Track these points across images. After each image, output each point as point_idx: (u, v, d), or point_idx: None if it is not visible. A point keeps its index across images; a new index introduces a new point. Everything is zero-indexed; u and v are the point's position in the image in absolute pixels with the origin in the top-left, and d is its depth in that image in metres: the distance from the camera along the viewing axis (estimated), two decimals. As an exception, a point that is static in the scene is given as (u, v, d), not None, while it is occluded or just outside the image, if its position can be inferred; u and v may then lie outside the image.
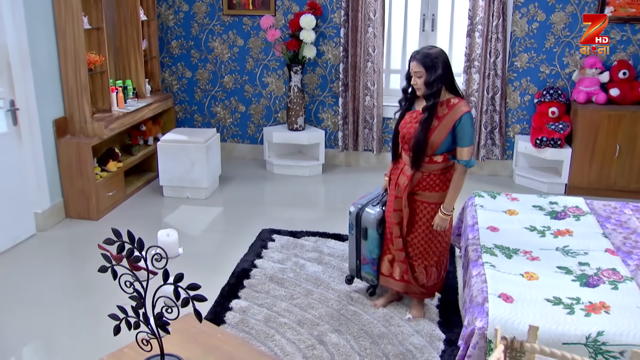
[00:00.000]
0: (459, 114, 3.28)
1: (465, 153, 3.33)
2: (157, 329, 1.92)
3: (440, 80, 3.26)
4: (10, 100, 4.56)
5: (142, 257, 1.83)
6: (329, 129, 6.67)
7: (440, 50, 3.32)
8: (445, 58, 3.30)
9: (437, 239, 3.56)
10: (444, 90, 3.32)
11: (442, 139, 3.33)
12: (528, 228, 3.78)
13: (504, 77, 5.99)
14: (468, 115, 3.29)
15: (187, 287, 1.84)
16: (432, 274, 3.63)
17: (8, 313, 3.80)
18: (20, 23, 4.50)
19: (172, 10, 6.63)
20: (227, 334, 2.26)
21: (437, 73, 3.24)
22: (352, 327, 3.58)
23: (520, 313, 2.80)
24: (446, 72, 3.28)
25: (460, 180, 3.40)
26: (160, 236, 1.93)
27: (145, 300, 1.90)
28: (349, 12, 6.10)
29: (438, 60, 3.25)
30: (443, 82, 3.28)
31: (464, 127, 3.29)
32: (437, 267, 3.64)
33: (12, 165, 4.63)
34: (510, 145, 6.29)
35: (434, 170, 3.44)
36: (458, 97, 3.35)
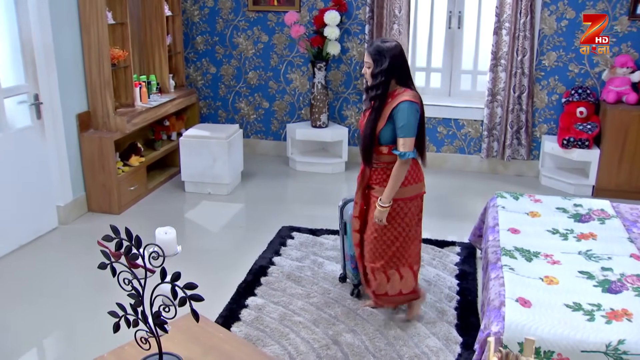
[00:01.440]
0: (397, 102, 3.20)
1: (401, 144, 3.20)
2: (155, 327, 1.91)
3: (385, 73, 3.21)
4: (34, 94, 4.60)
5: (140, 255, 1.82)
6: (352, 126, 6.62)
7: (394, 44, 3.25)
8: (397, 52, 3.23)
9: (383, 239, 3.41)
10: (395, 83, 3.26)
11: (381, 128, 3.25)
12: (550, 231, 3.69)
13: (531, 76, 5.88)
14: (406, 104, 3.18)
15: (184, 287, 1.82)
16: (380, 279, 3.48)
17: (29, 304, 3.84)
18: (45, 18, 4.54)
19: (197, 5, 6.64)
20: (229, 334, 2.24)
21: (382, 66, 3.21)
22: (368, 328, 3.53)
23: (538, 318, 2.73)
24: (395, 66, 3.22)
25: (397, 172, 3.24)
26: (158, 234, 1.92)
27: (143, 299, 1.89)
28: (374, 9, 6.04)
29: (387, 54, 3.20)
30: (390, 76, 3.22)
31: (400, 116, 3.18)
32: (384, 273, 3.46)
33: (36, 159, 4.67)
34: (536, 145, 6.17)
35: (382, 163, 3.34)
36: (406, 88, 3.26)
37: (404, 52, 3.33)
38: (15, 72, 4.53)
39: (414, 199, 3.39)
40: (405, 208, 3.37)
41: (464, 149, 6.38)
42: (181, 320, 1.99)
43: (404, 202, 3.36)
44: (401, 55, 3.25)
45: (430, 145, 6.44)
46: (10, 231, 4.46)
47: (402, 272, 3.48)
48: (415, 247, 3.50)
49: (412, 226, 3.44)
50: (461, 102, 6.30)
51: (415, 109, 3.20)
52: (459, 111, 6.25)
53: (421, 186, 3.42)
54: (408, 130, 3.18)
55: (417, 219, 3.47)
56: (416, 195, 3.40)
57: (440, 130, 6.37)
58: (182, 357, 2.05)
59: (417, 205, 3.43)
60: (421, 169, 3.43)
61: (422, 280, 4.07)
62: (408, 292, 3.53)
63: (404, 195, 3.34)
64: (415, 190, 3.38)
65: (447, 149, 6.42)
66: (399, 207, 3.35)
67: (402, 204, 3.35)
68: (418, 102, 3.24)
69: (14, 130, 4.51)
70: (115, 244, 1.88)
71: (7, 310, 3.79)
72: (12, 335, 3.53)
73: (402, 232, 3.41)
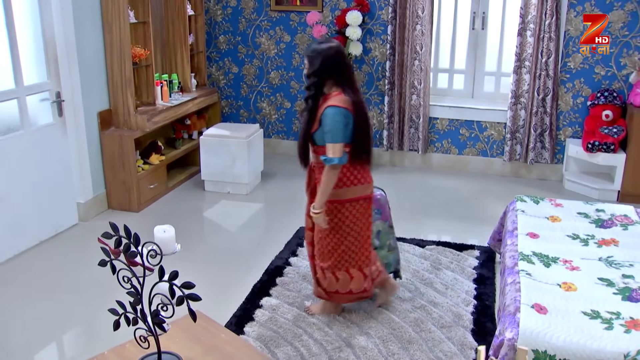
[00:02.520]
0: (324, 108, 3.20)
1: (328, 149, 3.18)
2: (154, 326, 1.90)
3: (317, 74, 3.21)
4: (56, 92, 4.65)
5: (138, 253, 1.81)
6: (374, 127, 6.58)
7: (330, 46, 3.23)
8: (332, 53, 3.20)
9: (328, 240, 3.41)
10: (332, 85, 3.23)
11: (313, 130, 3.26)
12: (570, 236, 3.62)
13: (555, 78, 5.77)
14: (330, 109, 3.16)
15: (181, 286, 1.81)
16: (328, 278, 3.48)
17: (46, 300, 3.87)
18: (68, 16, 4.59)
19: (220, 5, 6.66)
20: (232, 335, 2.23)
21: (315, 67, 3.21)
22: (382, 331, 3.49)
23: (554, 325, 2.67)
24: (329, 68, 3.20)
25: (326, 178, 3.22)
26: (157, 232, 1.90)
27: (142, 297, 1.88)
28: (396, 9, 5.99)
29: (321, 55, 3.20)
30: (323, 77, 3.21)
31: (325, 122, 3.17)
32: (333, 273, 3.46)
33: (57, 156, 4.72)
34: (560, 149, 6.06)
35: (321, 163, 3.30)
36: (339, 91, 3.22)
37: (343, 54, 3.28)
38: (38, 69, 4.58)
39: (356, 201, 3.35)
40: (345, 210, 3.35)
41: (486, 152, 6.30)
42: (184, 320, 1.98)
43: (342, 204, 3.34)
44: (337, 56, 3.22)
45: (452, 147, 6.37)
46: (30, 227, 4.51)
47: (351, 272, 3.47)
48: (366, 250, 3.47)
49: (361, 229, 3.41)
50: (484, 104, 6.22)
51: (341, 114, 3.15)
52: (482, 113, 6.17)
53: (364, 189, 3.37)
54: (333, 136, 3.16)
55: (365, 222, 3.43)
56: (358, 197, 3.35)
57: (463, 132, 6.30)
58: (181, 357, 2.04)
59: (362, 208, 3.39)
60: (367, 171, 3.39)
61: (439, 283, 4.02)
62: (359, 291, 3.52)
63: (344, 196, 3.32)
64: (357, 193, 3.34)
65: (469, 152, 6.34)
66: (336, 209, 3.34)
67: (339, 206, 3.34)
68: (347, 107, 3.18)
69: (36, 127, 4.56)
70: (114, 242, 1.87)
71: (24, 305, 3.83)
72: (27, 330, 3.56)
73: (348, 235, 3.39)
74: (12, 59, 4.28)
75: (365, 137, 3.30)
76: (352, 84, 3.27)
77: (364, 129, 3.27)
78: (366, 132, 3.29)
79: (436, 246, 4.58)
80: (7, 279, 4.14)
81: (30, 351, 3.40)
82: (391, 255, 3.83)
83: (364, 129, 3.27)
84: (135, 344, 1.99)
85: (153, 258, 1.82)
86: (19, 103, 4.37)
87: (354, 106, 3.22)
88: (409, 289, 3.95)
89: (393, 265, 3.86)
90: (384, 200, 3.78)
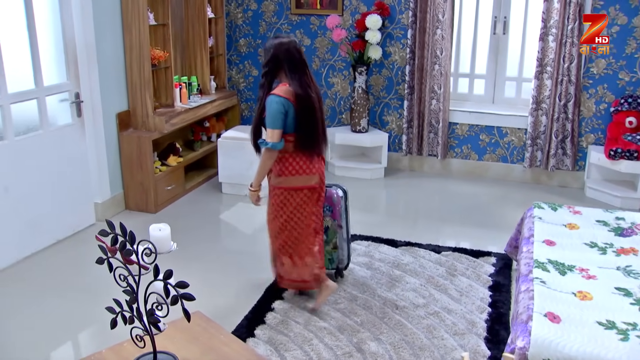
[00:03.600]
0: (268, 96, 3.44)
1: (267, 134, 3.44)
2: (150, 325, 1.89)
3: (267, 65, 3.48)
4: (75, 92, 4.69)
5: (134, 251, 1.81)
6: (393, 132, 6.54)
7: (282, 40, 3.47)
8: (283, 48, 3.43)
9: (272, 226, 3.66)
10: (283, 76, 3.47)
11: (264, 116, 3.47)
12: (588, 244, 3.54)
13: (578, 84, 5.68)
14: (271, 97, 3.41)
15: (176, 285, 1.80)
16: (276, 262, 3.75)
17: (60, 298, 3.90)
18: (88, 18, 4.63)
19: (240, 8, 6.68)
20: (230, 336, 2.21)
21: (266, 59, 3.48)
22: (394, 337, 3.45)
23: (567, 335, 2.61)
24: (279, 60, 3.43)
25: (262, 159, 3.52)
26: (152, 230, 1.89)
27: (137, 295, 1.87)
28: (417, 13, 5.95)
29: (272, 48, 3.45)
30: (273, 68, 3.46)
31: (266, 108, 3.43)
32: (278, 257, 3.70)
33: (75, 156, 4.76)
34: (582, 155, 5.96)
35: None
36: (286, 83, 3.46)
37: (295, 48, 3.47)
38: (57, 70, 4.63)
39: (298, 190, 3.54)
40: (286, 198, 3.56)
41: (506, 158, 6.22)
42: (183, 320, 1.97)
43: (287, 191, 3.55)
44: (288, 50, 3.44)
45: (472, 153, 6.31)
46: (48, 226, 4.55)
47: (294, 260, 3.67)
48: (308, 240, 3.64)
49: (304, 217, 3.58)
50: (505, 110, 6.14)
51: (279, 102, 3.37)
52: (503, 119, 6.10)
53: (308, 179, 3.54)
54: (271, 122, 3.40)
55: (307, 212, 3.59)
56: (301, 187, 3.53)
57: (483, 138, 6.23)
58: (177, 357, 2.03)
59: (306, 197, 3.57)
60: (314, 163, 3.55)
61: (454, 289, 3.97)
62: (300, 280, 3.71)
63: (287, 184, 3.54)
64: (300, 182, 3.53)
65: (489, 157, 6.27)
66: (282, 195, 3.57)
67: (285, 192, 3.55)
68: (287, 97, 3.40)
69: (55, 127, 4.60)
70: (110, 239, 1.87)
71: (38, 303, 3.86)
72: (41, 327, 3.59)
73: (291, 221, 3.59)
74: (33, 59, 4.33)
75: (310, 129, 3.49)
76: (301, 78, 3.45)
77: (309, 121, 3.47)
78: (311, 125, 3.49)
79: (452, 252, 4.52)
80: (24, 276, 4.19)
81: (44, 348, 3.42)
82: (335, 253, 3.99)
83: (310, 121, 3.47)
84: (132, 343, 1.98)
85: (148, 256, 1.82)
86: (39, 103, 4.42)
87: (296, 98, 3.41)
88: (422, 295, 3.91)
89: (335, 263, 4.02)
90: (336, 199, 3.91)
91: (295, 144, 3.48)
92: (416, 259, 4.42)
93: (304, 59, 3.50)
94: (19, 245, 4.35)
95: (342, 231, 3.97)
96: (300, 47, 3.56)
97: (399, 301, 3.83)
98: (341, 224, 3.95)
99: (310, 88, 3.47)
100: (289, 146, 3.48)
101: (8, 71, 4.11)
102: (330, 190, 3.90)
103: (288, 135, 3.45)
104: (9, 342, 3.46)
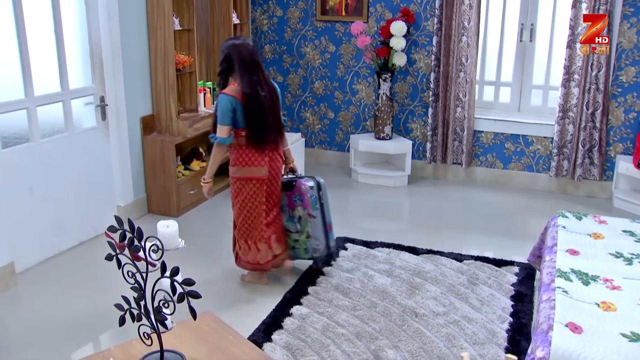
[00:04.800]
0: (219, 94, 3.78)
1: (217, 130, 3.77)
2: (157, 323, 1.88)
3: (221, 65, 3.80)
4: (100, 96, 4.75)
5: (142, 247, 1.80)
6: (417, 139, 6.50)
7: (234, 43, 3.78)
8: (233, 49, 3.74)
9: (233, 210, 4.01)
10: (236, 75, 3.75)
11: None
12: (613, 254, 3.46)
13: (606, 92, 5.58)
14: (221, 96, 3.73)
15: (182, 282, 1.79)
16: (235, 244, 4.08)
17: (85, 299, 3.94)
18: (114, 22, 4.69)
19: (266, 15, 6.71)
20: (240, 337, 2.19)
21: (221, 59, 3.80)
22: (412, 345, 3.41)
23: (588, 347, 2.54)
24: (230, 60, 3.74)
25: (212, 152, 3.88)
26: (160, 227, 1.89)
27: (145, 292, 1.87)
28: (442, 20, 5.91)
29: (226, 49, 3.78)
30: (226, 68, 3.77)
31: (217, 106, 3.75)
32: (237, 240, 4.04)
33: (99, 159, 4.81)
34: (610, 165, 5.84)
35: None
36: (235, 82, 3.75)
37: (246, 50, 3.77)
38: (83, 74, 4.69)
39: (246, 180, 3.87)
40: (239, 187, 3.91)
41: (532, 167, 6.13)
42: (193, 320, 1.95)
43: (239, 180, 3.89)
44: (239, 51, 3.73)
45: (497, 161, 6.23)
46: (71, 227, 4.60)
47: (249, 244, 4.00)
48: (259, 227, 3.95)
49: (254, 206, 3.91)
50: (531, 118, 6.06)
51: (227, 100, 3.69)
52: (528, 127, 6.02)
53: (257, 171, 3.86)
54: (219, 118, 3.74)
55: (257, 201, 3.91)
56: (251, 177, 3.86)
57: (508, 146, 6.15)
58: (185, 356, 2.02)
59: (255, 187, 3.89)
60: (263, 156, 3.86)
61: (475, 298, 3.91)
62: (254, 262, 4.02)
63: (238, 174, 3.90)
64: (249, 173, 3.86)
65: (514, 166, 6.19)
66: (232, 184, 3.95)
67: (237, 182, 3.90)
68: (235, 96, 3.71)
69: (79, 130, 4.66)
70: (119, 236, 1.87)
71: (59, 302, 3.90)
72: (60, 328, 3.62)
73: (244, 209, 3.93)
74: (59, 63, 4.39)
75: (259, 125, 3.78)
76: (250, 77, 3.72)
77: (257, 118, 3.76)
78: (259, 121, 3.77)
79: (474, 261, 4.46)
80: (47, 276, 4.24)
81: (64, 348, 3.45)
82: (308, 242, 4.13)
83: (258, 118, 3.76)
84: (140, 340, 1.98)
85: (155, 253, 1.82)
86: (64, 106, 4.48)
87: (244, 96, 3.71)
88: (442, 303, 3.85)
89: (310, 252, 4.15)
90: (305, 189, 4.07)
91: (246, 139, 3.80)
92: (437, 267, 4.37)
93: (255, 60, 3.79)
94: (43, 245, 4.40)
95: (314, 220, 4.08)
96: (253, 48, 3.84)
97: (419, 309, 3.79)
98: (312, 213, 4.07)
99: (260, 87, 3.75)
100: (241, 140, 3.82)
101: (35, 74, 4.18)
102: (299, 181, 4.11)
103: (240, 130, 3.80)
104: (29, 341, 3.49)
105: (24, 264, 4.27)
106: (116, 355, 2.16)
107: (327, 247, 4.16)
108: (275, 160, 3.93)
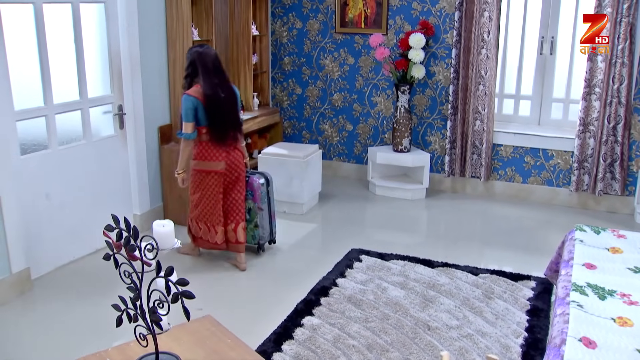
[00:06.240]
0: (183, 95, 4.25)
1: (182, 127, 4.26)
2: (152, 324, 1.87)
3: (186, 69, 4.29)
4: (118, 105, 4.79)
5: (137, 247, 1.80)
6: (436, 152, 6.45)
7: (198, 50, 4.23)
8: (197, 56, 4.20)
9: (193, 197, 4.44)
10: (200, 79, 4.18)
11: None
12: (632, 269, 3.38)
13: (628, 106, 5.49)
14: (184, 96, 4.19)
15: (176, 282, 1.77)
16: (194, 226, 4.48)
17: (99, 306, 3.93)
18: (134, 32, 4.74)
19: (286, 27, 6.74)
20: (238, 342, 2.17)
21: (186, 64, 4.30)
22: (424, 358, 3.35)
23: (602, 362, 2.47)
24: (194, 66, 4.21)
25: (181, 147, 4.34)
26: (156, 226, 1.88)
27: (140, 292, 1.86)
28: (461, 33, 5.88)
29: (190, 55, 4.26)
30: (190, 72, 4.24)
31: (182, 105, 4.22)
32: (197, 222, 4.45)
33: (117, 167, 4.85)
34: (633, 180, 5.74)
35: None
36: (198, 84, 4.18)
37: (208, 57, 4.21)
38: (102, 83, 4.74)
39: (204, 173, 4.34)
40: (199, 178, 4.37)
41: (552, 181, 6.05)
42: (193, 323, 1.94)
43: (200, 172, 4.35)
44: (203, 58, 4.18)
45: (516, 175, 6.15)
46: (87, 234, 4.63)
47: (208, 226, 4.45)
48: (216, 213, 4.41)
49: (213, 195, 4.37)
50: (551, 132, 5.98)
51: (188, 100, 4.15)
52: (549, 141, 5.94)
53: (215, 165, 4.31)
54: (183, 116, 4.21)
55: (215, 191, 4.37)
56: (209, 170, 4.32)
57: (528, 160, 6.07)
58: (181, 358, 2.00)
59: (213, 179, 4.34)
60: (221, 152, 4.30)
61: (489, 312, 3.84)
62: (212, 242, 4.47)
63: (198, 167, 4.35)
64: (207, 166, 4.32)
65: (533, 180, 6.11)
66: (193, 175, 4.39)
67: (198, 173, 4.36)
68: (196, 96, 4.16)
69: (97, 138, 4.70)
70: (115, 235, 1.87)
71: (73, 310, 3.91)
72: (73, 335, 3.63)
73: (203, 197, 4.39)
74: (78, 71, 4.45)
75: (218, 123, 4.23)
76: (212, 80, 4.16)
77: (216, 116, 4.20)
78: (218, 120, 4.22)
79: (490, 275, 4.39)
80: (62, 283, 4.27)
81: (77, 353, 3.45)
82: (256, 230, 4.71)
83: (217, 117, 4.21)
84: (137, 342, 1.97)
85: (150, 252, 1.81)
86: (82, 114, 4.53)
87: (205, 97, 4.16)
88: (456, 317, 3.79)
89: (257, 239, 4.74)
90: (257, 185, 4.63)
91: (208, 135, 4.25)
92: (452, 280, 4.31)
93: (217, 65, 4.23)
94: (58, 252, 4.44)
95: (262, 213, 4.69)
96: (215, 55, 4.27)
97: (432, 322, 3.73)
98: (261, 206, 4.67)
99: (220, 89, 4.19)
100: (204, 136, 4.28)
101: (55, 82, 4.23)
102: (252, 178, 4.64)
103: (202, 128, 4.25)
104: (42, 348, 3.51)
105: (40, 270, 4.31)
106: (113, 356, 2.16)
107: (271, 233, 4.83)
108: (235, 156, 4.38)
